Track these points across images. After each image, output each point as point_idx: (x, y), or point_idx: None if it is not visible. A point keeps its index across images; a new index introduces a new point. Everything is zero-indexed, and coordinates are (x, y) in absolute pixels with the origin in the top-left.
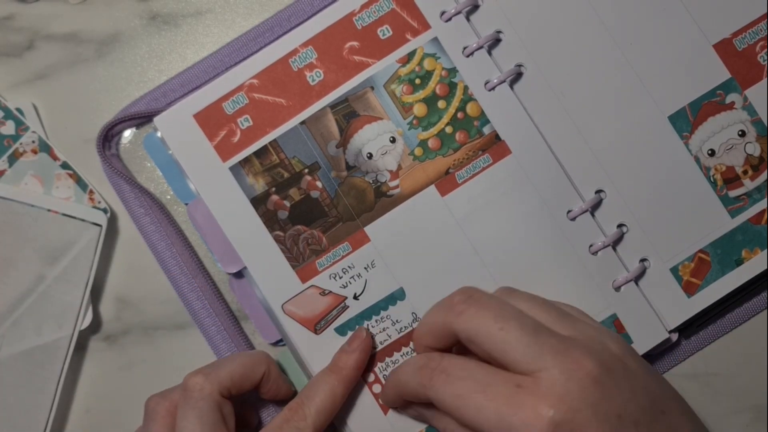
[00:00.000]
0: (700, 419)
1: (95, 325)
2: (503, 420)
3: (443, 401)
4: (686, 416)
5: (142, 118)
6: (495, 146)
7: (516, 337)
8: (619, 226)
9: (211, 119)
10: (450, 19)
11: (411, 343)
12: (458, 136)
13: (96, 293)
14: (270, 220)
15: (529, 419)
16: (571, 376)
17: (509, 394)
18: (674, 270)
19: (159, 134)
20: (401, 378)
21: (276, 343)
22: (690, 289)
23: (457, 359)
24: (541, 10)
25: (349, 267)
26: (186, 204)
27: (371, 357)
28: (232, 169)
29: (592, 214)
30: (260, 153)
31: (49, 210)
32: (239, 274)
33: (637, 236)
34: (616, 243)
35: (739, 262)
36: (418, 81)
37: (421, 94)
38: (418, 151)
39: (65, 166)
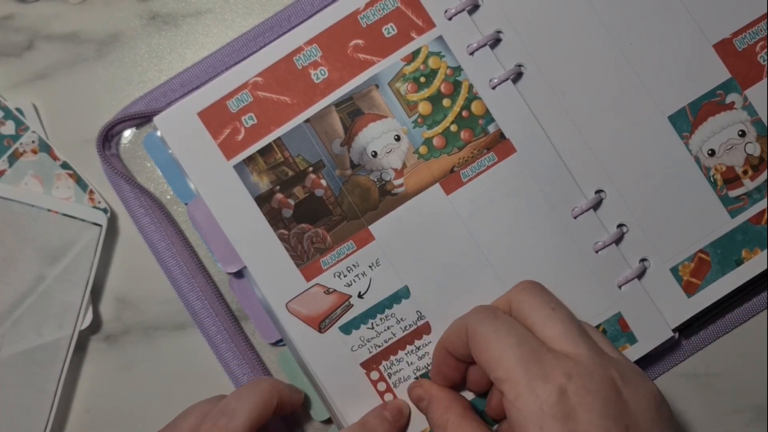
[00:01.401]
0: None
1: (95, 325)
2: (522, 363)
3: (474, 331)
4: None
5: (142, 118)
6: (500, 145)
7: (562, 318)
8: (619, 226)
9: (215, 117)
10: (453, 17)
11: (415, 342)
12: (463, 134)
13: (96, 293)
14: (274, 219)
15: (544, 371)
16: (597, 370)
17: (538, 349)
18: (674, 270)
19: (159, 134)
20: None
21: (276, 343)
22: (690, 289)
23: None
24: (541, 10)
25: (353, 265)
26: (186, 204)
27: (375, 356)
28: (236, 167)
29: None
30: (265, 151)
31: (49, 210)
32: (239, 274)
33: (637, 236)
34: (616, 243)
35: (739, 262)
36: (422, 79)
37: (426, 92)
38: (422, 150)
39: (65, 166)
